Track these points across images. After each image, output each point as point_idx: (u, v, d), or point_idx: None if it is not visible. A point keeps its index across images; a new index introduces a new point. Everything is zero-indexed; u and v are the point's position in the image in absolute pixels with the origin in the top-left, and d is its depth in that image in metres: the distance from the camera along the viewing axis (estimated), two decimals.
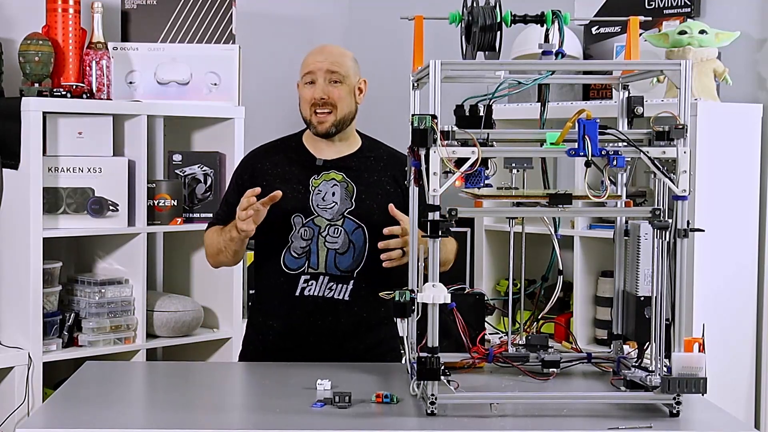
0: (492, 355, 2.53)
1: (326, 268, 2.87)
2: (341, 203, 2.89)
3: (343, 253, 2.88)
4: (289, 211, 2.88)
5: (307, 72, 2.90)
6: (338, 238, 2.88)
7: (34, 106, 3.42)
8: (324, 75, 2.88)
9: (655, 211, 2.30)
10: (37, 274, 3.43)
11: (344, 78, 2.89)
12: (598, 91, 3.84)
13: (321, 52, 2.93)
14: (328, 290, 2.88)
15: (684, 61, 2.29)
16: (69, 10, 3.62)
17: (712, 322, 3.00)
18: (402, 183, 2.84)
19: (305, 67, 2.92)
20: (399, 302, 2.35)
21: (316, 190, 2.90)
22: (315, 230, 2.88)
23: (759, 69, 3.61)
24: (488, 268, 3.94)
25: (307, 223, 2.88)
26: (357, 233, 2.88)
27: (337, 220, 2.88)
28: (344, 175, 2.91)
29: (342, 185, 2.90)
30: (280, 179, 2.92)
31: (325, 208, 2.88)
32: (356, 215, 2.88)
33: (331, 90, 2.88)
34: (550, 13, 2.49)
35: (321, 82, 2.88)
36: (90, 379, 2.69)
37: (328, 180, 2.91)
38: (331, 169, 2.92)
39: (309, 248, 2.88)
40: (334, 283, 2.88)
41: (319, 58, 2.90)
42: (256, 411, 2.41)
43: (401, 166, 2.79)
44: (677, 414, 2.28)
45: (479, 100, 2.42)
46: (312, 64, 2.90)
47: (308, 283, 2.88)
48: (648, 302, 2.39)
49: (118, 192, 3.63)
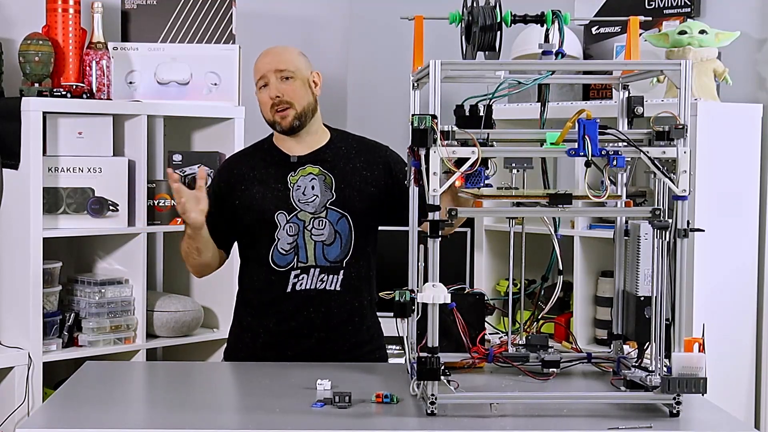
0: (492, 355, 2.53)
1: (316, 260, 2.89)
2: (322, 195, 2.91)
3: (330, 244, 2.90)
4: (272, 210, 2.90)
5: (259, 77, 2.93)
6: (324, 229, 2.89)
7: (34, 106, 3.42)
8: (274, 75, 2.90)
9: (655, 211, 2.30)
10: (37, 274, 3.43)
11: (294, 73, 2.92)
12: (598, 91, 3.84)
13: (267, 54, 2.96)
14: (319, 282, 2.89)
15: (684, 61, 2.29)
16: (69, 10, 3.62)
17: (712, 322, 3.00)
18: (376, 165, 2.95)
19: (256, 72, 2.94)
20: (399, 302, 2.35)
21: (295, 186, 2.91)
22: (300, 225, 2.89)
23: (759, 69, 3.61)
24: (488, 268, 3.94)
25: (291, 219, 2.89)
26: (342, 223, 2.90)
27: (321, 212, 2.90)
28: (320, 168, 2.93)
29: (320, 178, 2.92)
30: (258, 181, 2.94)
31: (307, 202, 2.90)
32: (338, 205, 2.91)
33: (284, 88, 2.90)
34: (550, 13, 2.49)
35: (273, 81, 2.90)
36: (90, 379, 2.69)
37: (306, 175, 2.93)
38: (307, 164, 2.94)
39: (296, 243, 2.89)
40: (325, 275, 2.90)
41: (266, 60, 2.94)
42: (256, 411, 2.41)
43: (372, 150, 2.99)
44: (677, 414, 2.28)
45: (479, 100, 2.42)
46: (261, 68, 2.93)
47: (299, 278, 2.89)
48: (648, 302, 2.39)
49: (118, 192, 3.63)
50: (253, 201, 2.93)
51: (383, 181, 2.95)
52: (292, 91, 2.91)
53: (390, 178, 2.96)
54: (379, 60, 4.58)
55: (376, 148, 3.02)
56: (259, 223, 2.91)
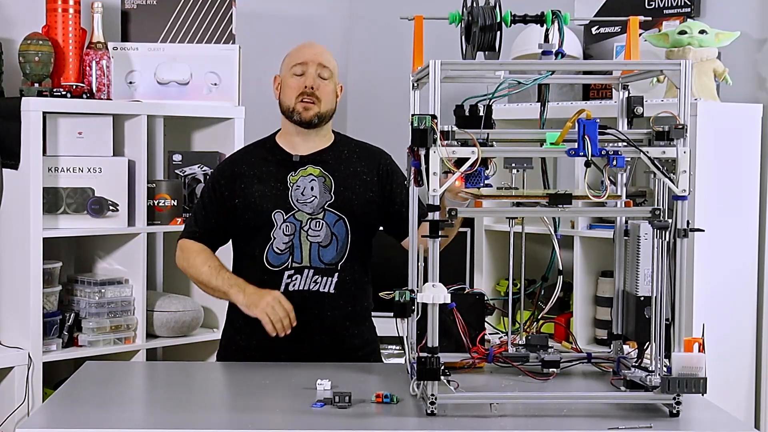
0: (492, 355, 2.53)
1: (310, 261, 2.88)
2: (321, 197, 2.90)
3: (326, 246, 2.89)
4: (270, 209, 2.89)
5: (299, 63, 2.92)
6: (320, 231, 2.89)
7: (34, 106, 3.42)
8: (315, 67, 2.92)
9: (655, 211, 2.30)
10: (37, 274, 3.43)
11: (331, 75, 2.95)
12: (598, 91, 3.84)
13: (311, 46, 2.99)
14: (313, 284, 2.88)
15: (684, 61, 2.29)
16: (69, 10, 3.62)
17: (712, 322, 2.99)
18: (376, 171, 2.95)
19: (296, 57, 2.94)
20: (399, 302, 2.35)
21: (295, 185, 2.91)
22: (297, 225, 2.89)
23: (759, 69, 3.61)
24: (488, 268, 3.94)
25: (288, 219, 2.89)
26: (339, 225, 2.90)
27: (318, 213, 2.89)
28: (321, 169, 2.93)
29: (320, 179, 2.91)
30: (258, 179, 2.93)
31: (305, 203, 2.90)
32: (336, 207, 2.90)
33: (320, 83, 2.92)
34: (550, 13, 2.49)
35: (312, 72, 2.91)
36: (90, 379, 2.69)
37: (306, 175, 2.92)
38: (308, 164, 2.93)
39: (292, 243, 2.88)
40: (319, 276, 2.89)
41: (311, 51, 2.95)
42: (256, 411, 2.41)
43: (373, 156, 2.99)
44: (677, 414, 2.28)
45: (479, 100, 2.42)
46: (305, 55, 2.94)
47: (292, 278, 2.88)
48: (648, 302, 2.39)
49: (118, 192, 3.63)
50: (251, 199, 2.92)
51: (382, 188, 2.95)
52: (325, 90, 2.92)
53: (389, 185, 2.96)
54: (379, 60, 4.58)
55: (377, 154, 3.01)
56: (255, 221, 2.90)
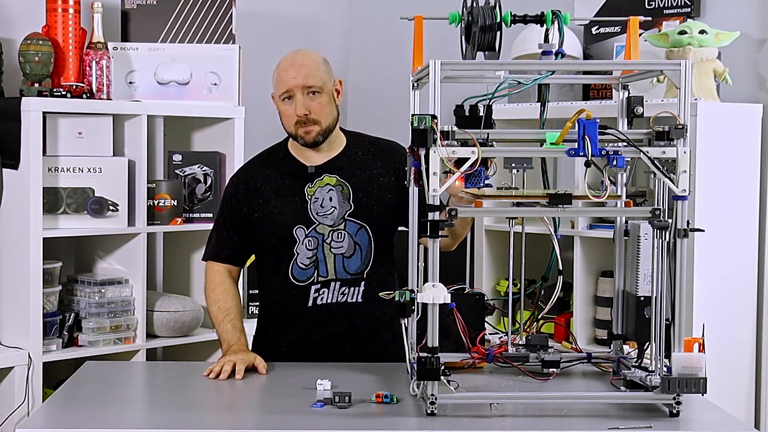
0: (492, 355, 2.53)
1: (336, 274, 2.85)
2: (340, 207, 2.86)
3: (350, 256, 2.86)
4: (290, 224, 2.85)
5: (284, 90, 2.82)
6: (343, 242, 2.86)
7: (34, 106, 3.42)
8: (301, 91, 2.80)
9: (655, 211, 2.30)
10: (37, 274, 3.43)
11: (321, 88, 2.82)
12: (598, 91, 3.84)
13: (293, 66, 2.82)
14: (341, 295, 2.86)
15: (684, 61, 2.29)
16: (69, 10, 3.62)
17: (712, 322, 2.99)
18: (392, 169, 2.90)
19: (281, 84, 2.82)
20: (399, 302, 2.36)
21: (313, 198, 2.87)
22: (319, 238, 2.85)
23: (759, 69, 3.61)
24: (488, 268, 3.94)
25: (310, 233, 2.85)
26: (361, 234, 2.87)
27: (339, 224, 2.86)
28: (338, 177, 2.88)
29: (337, 188, 2.87)
30: (275, 194, 2.89)
31: (325, 215, 2.86)
32: (357, 216, 2.87)
33: (311, 104, 2.81)
34: (550, 13, 2.49)
35: (300, 97, 2.80)
36: (90, 379, 2.69)
37: (323, 186, 2.88)
38: (324, 173, 2.88)
39: (316, 257, 2.85)
40: (346, 288, 2.86)
41: (293, 74, 2.80)
42: (256, 411, 2.41)
43: (388, 153, 2.94)
44: (677, 414, 2.28)
45: (479, 100, 2.42)
46: (287, 81, 2.81)
47: (319, 292, 2.86)
48: (648, 302, 2.39)
49: (118, 192, 3.63)
50: (270, 215, 2.87)
51: (399, 186, 2.87)
52: (320, 109, 2.82)
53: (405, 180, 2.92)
54: (379, 60, 4.58)
55: (392, 150, 2.95)
56: (277, 238, 2.86)
